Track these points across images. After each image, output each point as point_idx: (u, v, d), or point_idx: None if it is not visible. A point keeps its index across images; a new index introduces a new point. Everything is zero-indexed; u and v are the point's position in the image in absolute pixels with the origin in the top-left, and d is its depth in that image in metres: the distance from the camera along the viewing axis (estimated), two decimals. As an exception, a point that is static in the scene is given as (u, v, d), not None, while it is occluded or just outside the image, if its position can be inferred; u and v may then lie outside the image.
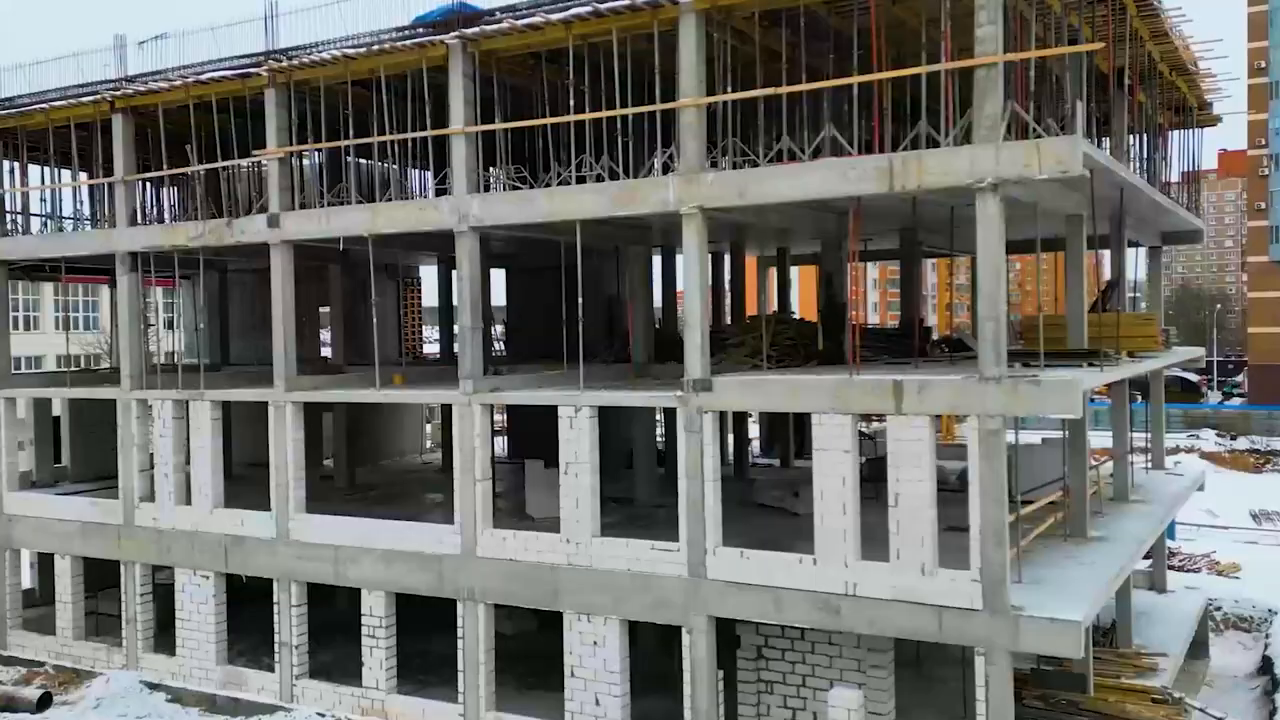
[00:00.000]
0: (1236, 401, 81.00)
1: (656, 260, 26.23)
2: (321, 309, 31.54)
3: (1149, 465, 25.60)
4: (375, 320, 19.61)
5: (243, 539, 20.41)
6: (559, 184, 17.64)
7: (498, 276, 32.12)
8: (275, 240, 19.84)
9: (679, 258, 29.62)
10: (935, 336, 25.31)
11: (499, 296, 33.21)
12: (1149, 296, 26.31)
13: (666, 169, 16.79)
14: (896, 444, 14.51)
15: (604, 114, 16.95)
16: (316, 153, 20.14)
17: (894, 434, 14.53)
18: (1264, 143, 77.01)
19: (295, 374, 20.07)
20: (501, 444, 33.66)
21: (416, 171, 22.63)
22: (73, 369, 28.57)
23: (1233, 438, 61.24)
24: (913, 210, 17.36)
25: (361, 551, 19.06)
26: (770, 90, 15.76)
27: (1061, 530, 18.08)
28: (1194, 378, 77.85)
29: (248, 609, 22.40)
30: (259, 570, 20.30)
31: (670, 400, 16.46)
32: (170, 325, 38.58)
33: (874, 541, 14.99)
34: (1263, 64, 74.24)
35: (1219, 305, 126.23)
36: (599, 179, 17.31)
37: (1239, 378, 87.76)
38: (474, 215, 17.76)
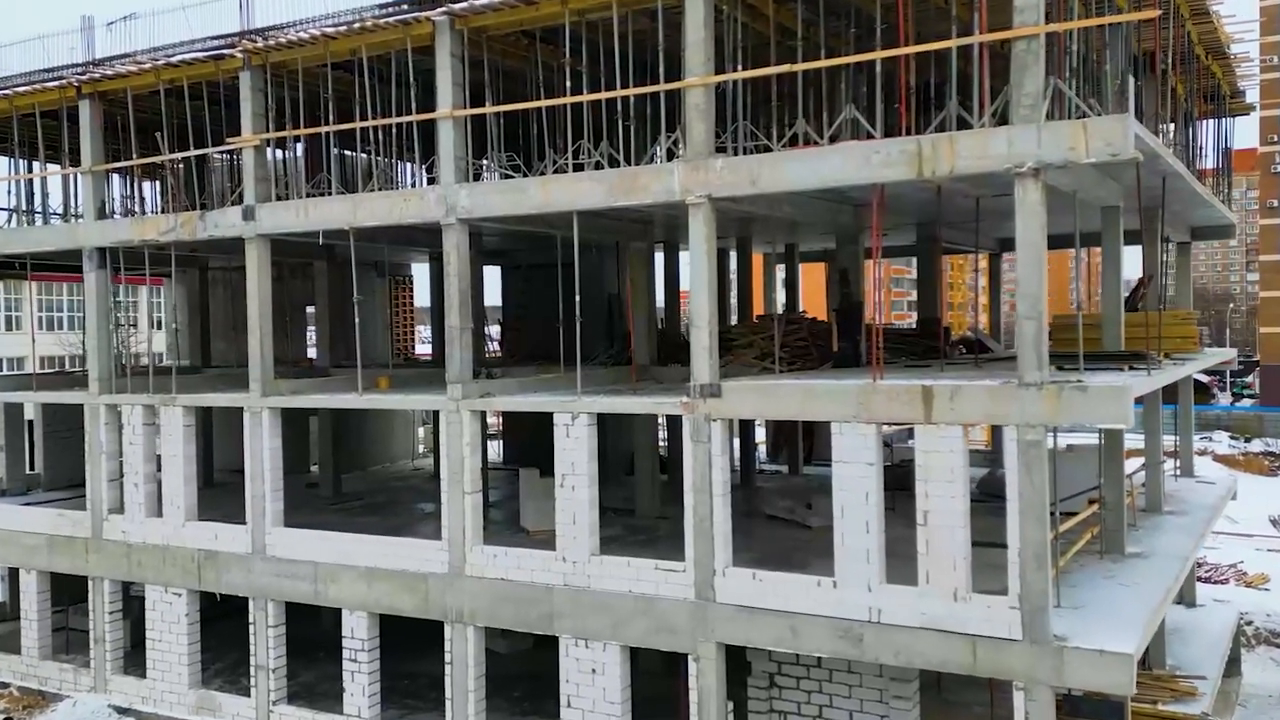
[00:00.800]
0: (1248, 403, 79.59)
1: (659, 258, 24.88)
2: (309, 308, 30.20)
3: (1177, 472, 24.28)
4: (358, 320, 18.26)
5: (216, 554, 19.07)
6: (554, 172, 16.29)
7: (492, 274, 30.77)
8: (250, 234, 18.49)
9: (683, 254, 28.36)
10: (953, 337, 23.94)
11: (494, 296, 31.87)
12: (1178, 295, 24.95)
13: (671, 156, 15.44)
14: (926, 456, 13.17)
15: (603, 95, 15.62)
16: (296, 142, 18.77)
17: (923, 445, 13.19)
18: (1276, 139, 75.64)
19: (272, 377, 18.73)
20: (496, 448, 32.37)
21: (409, 167, 21.32)
22: (49, 371, 27.25)
23: (1246, 440, 59.85)
24: (937, 200, 16.00)
25: (342, 569, 17.72)
26: (785, 68, 14.41)
27: (1096, 546, 16.77)
28: (1204, 378, 76.40)
29: (226, 624, 21.09)
30: (233, 588, 18.95)
31: (675, 407, 15.12)
32: (158, 325, 37.28)
33: (894, 558, 13.68)
34: (1276, 59, 72.89)
35: (1230, 305, 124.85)
36: (597, 167, 15.96)
37: (1249, 378, 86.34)
38: (462, 206, 16.41)
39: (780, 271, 33.62)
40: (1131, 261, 21.42)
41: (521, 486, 20.79)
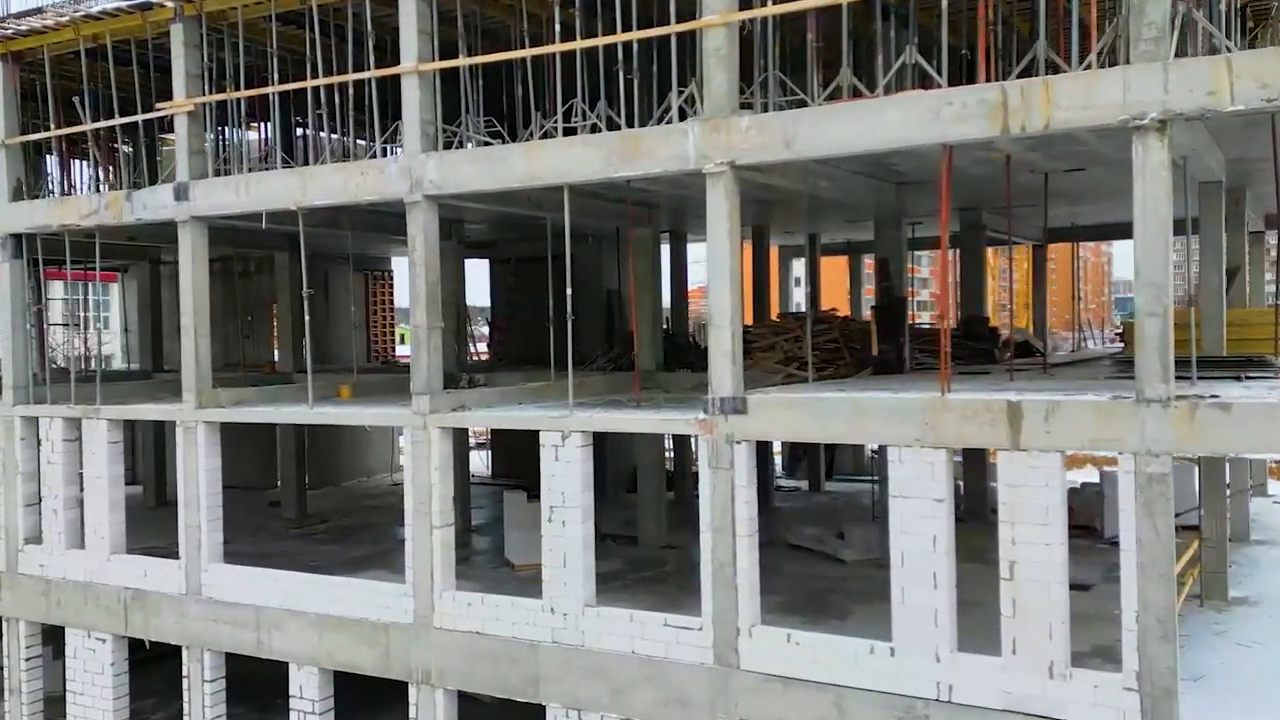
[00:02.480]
0: None
1: (664, 252, 22.02)
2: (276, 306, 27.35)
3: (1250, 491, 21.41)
4: (309, 318, 15.40)
5: (145, 594, 16.18)
6: (542, 139, 13.42)
7: (479, 269, 27.92)
8: (183, 216, 15.62)
9: (691, 248, 25.47)
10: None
11: (483, 295, 29.01)
12: (1251, 290, 22.09)
13: (684, 115, 12.56)
14: (1011, 492, 10.29)
15: (600, 40, 12.75)
16: (239, 114, 15.86)
17: (1008, 477, 10.32)
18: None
19: (210, 386, 15.85)
20: (484, 460, 29.48)
21: (384, 150, 18.46)
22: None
23: None
24: (1006, 173, 13.15)
25: (289, 615, 14.83)
26: (828, 0, 11.51)
27: (1194, 589, 13.96)
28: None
29: (175, 663, 18.23)
30: (164, 634, 16.06)
31: (689, 425, 12.22)
32: (107, 325, 34.41)
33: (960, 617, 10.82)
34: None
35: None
36: (594, 130, 13.08)
37: None
38: (430, 181, 13.54)
39: (795, 266, 30.78)
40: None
41: (506, 513, 17.92)
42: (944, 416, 10.60)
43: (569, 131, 13.31)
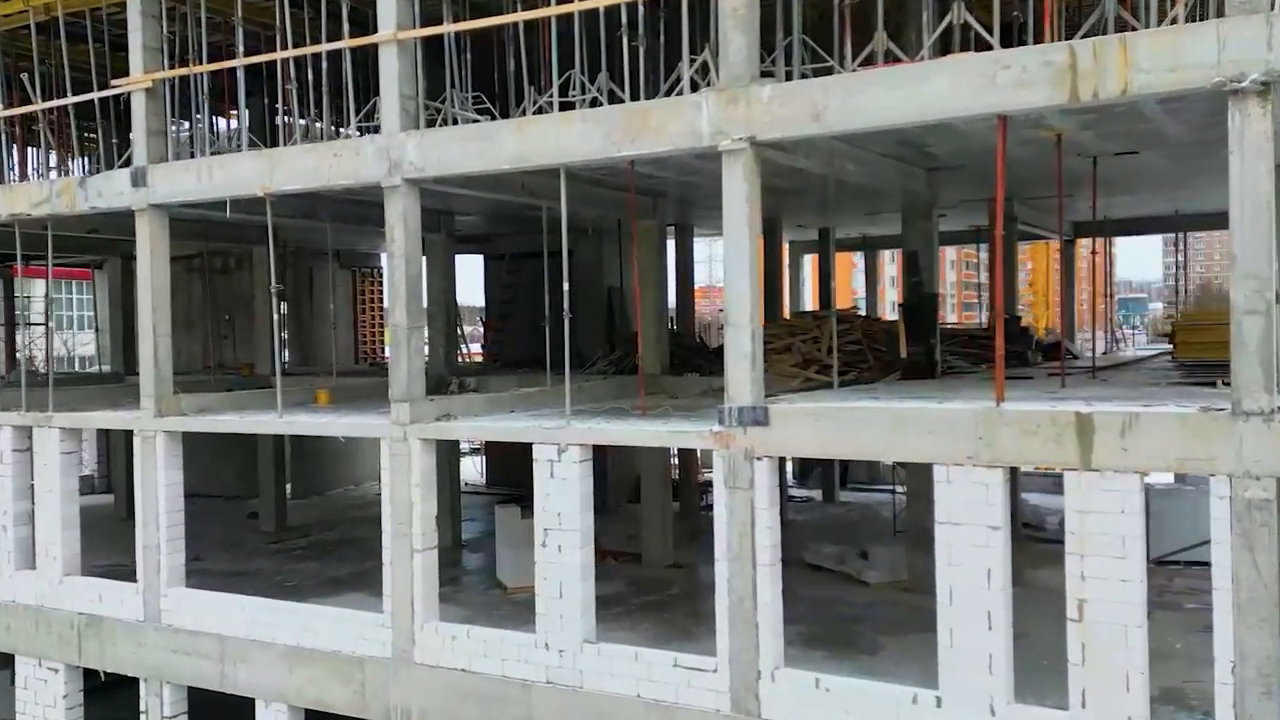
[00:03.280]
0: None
1: (669, 248, 20.56)
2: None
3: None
4: (277, 316, 13.96)
5: (100, 620, 14.71)
6: (535, 113, 11.95)
7: (473, 265, 26.47)
8: (141, 204, 14.15)
9: (696, 243, 24.00)
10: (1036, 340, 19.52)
11: (477, 293, 27.52)
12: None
13: (695, 88, 11.07)
14: (1081, 519, 8.83)
15: (602, 1, 11.25)
16: (201, 92, 14.35)
17: (1076, 502, 8.85)
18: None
19: (171, 391, 14.38)
20: (476, 466, 28.01)
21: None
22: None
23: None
24: (1057, 154, 11.72)
25: (255, 646, 13.36)
26: (864, -49, 10.05)
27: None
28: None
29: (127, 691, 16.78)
30: (121, 664, 14.60)
31: (702, 438, 10.74)
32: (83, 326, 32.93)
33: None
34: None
35: None
36: (594, 105, 11.61)
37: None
38: (410, 162, 12.06)
39: (804, 263, 29.30)
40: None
41: (498, 529, 16.46)
42: (1000, 430, 9.13)
43: (566, 107, 11.83)
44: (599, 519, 11.90)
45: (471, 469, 27.79)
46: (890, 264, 43.07)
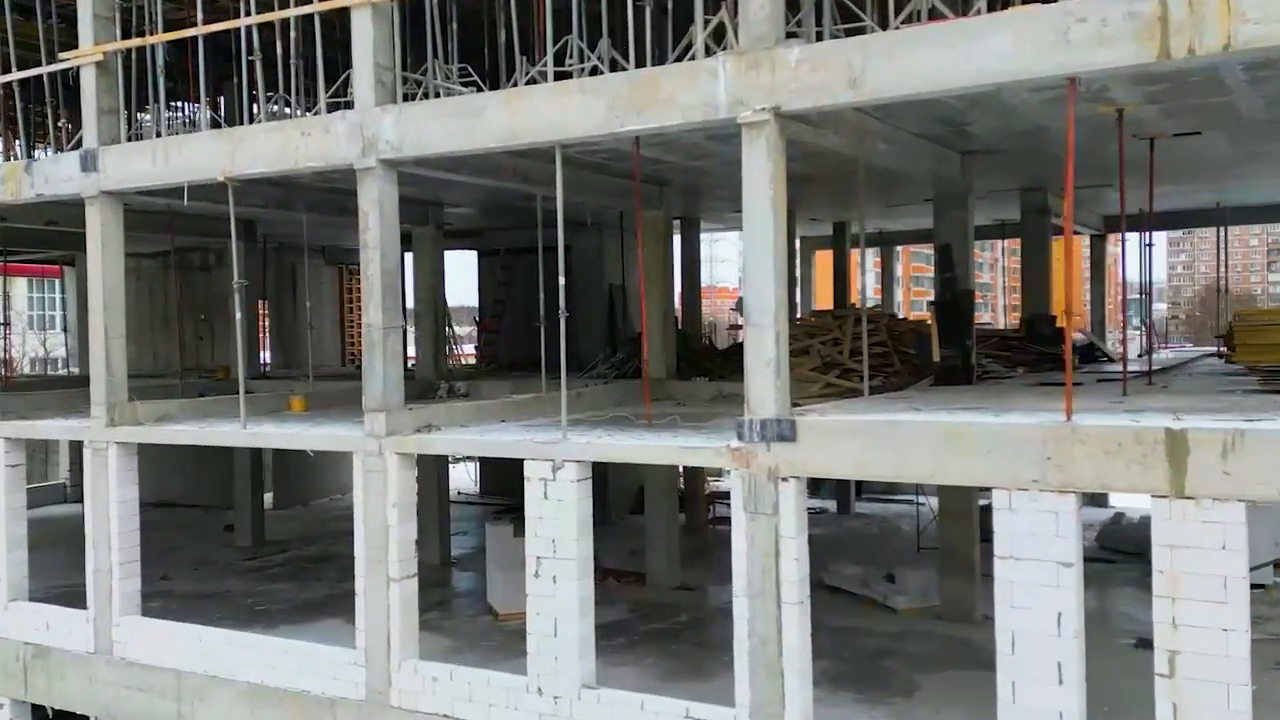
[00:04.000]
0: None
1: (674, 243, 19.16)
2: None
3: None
4: (240, 315, 12.54)
5: (48, 651, 13.31)
6: (528, 84, 10.55)
7: (467, 262, 25.09)
8: (91, 191, 12.74)
9: (704, 236, 22.60)
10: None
11: (471, 292, 26.10)
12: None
13: (709, 51, 9.66)
14: (1170, 555, 7.43)
15: (602, -48, 9.88)
16: (154, 62, 12.93)
17: (1166, 535, 7.45)
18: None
19: (125, 399, 12.98)
20: (470, 473, 26.60)
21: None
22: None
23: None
24: (1119, 131, 10.34)
25: (215, 683, 11.96)
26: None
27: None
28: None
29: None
30: (70, 700, 13.21)
31: (719, 455, 9.32)
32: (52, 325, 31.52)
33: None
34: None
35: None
36: (595, 74, 10.20)
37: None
38: (386, 141, 10.66)
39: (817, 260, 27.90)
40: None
41: (489, 549, 15.07)
42: (1073, 450, 7.73)
43: (562, 79, 10.43)
44: (598, 532, 10.50)
45: (465, 475, 26.37)
46: (897, 262, 41.61)
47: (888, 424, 8.52)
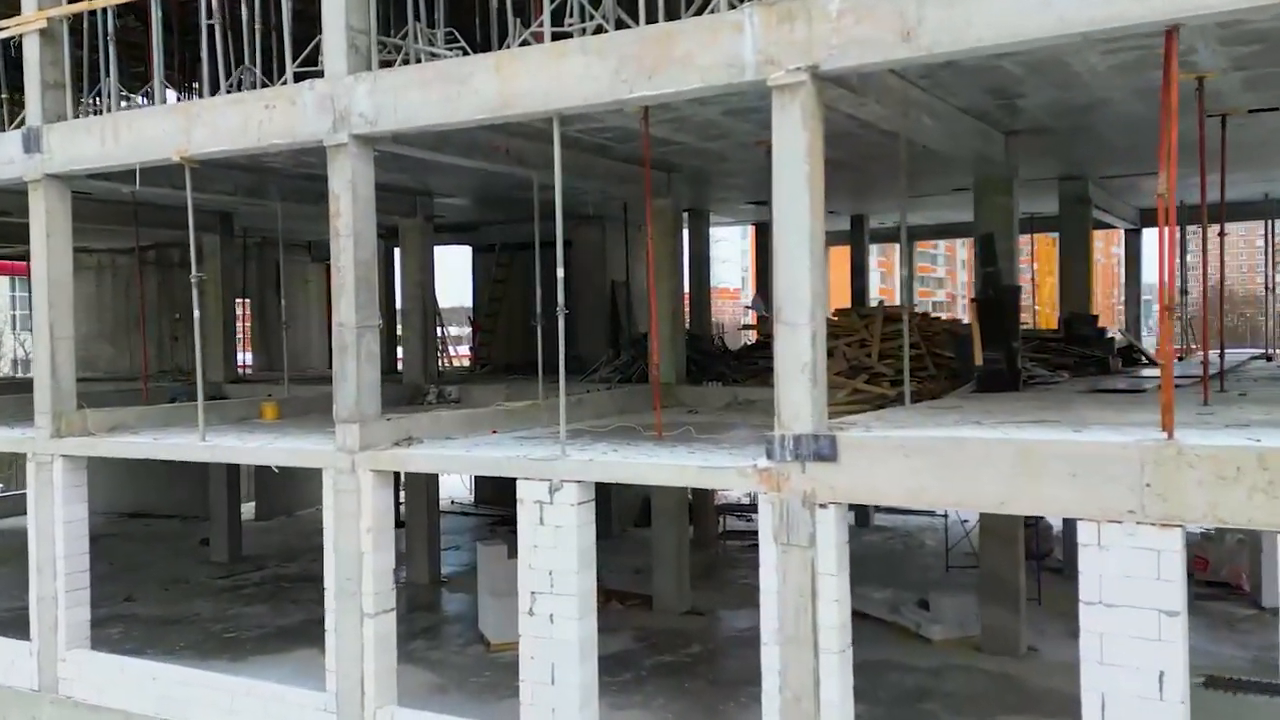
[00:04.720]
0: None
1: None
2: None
3: None
4: (198, 313, 11.21)
5: (-11, 687, 11.98)
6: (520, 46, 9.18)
7: (461, 258, 23.75)
8: (35, 174, 11.40)
9: (714, 230, 21.26)
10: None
11: (465, 291, 24.75)
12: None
13: (733, 5, 8.30)
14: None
15: (608, -112, 8.53)
16: (104, 28, 11.59)
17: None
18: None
19: (74, 408, 11.62)
20: (465, 481, 25.20)
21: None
22: None
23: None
24: (1199, 101, 9.01)
25: (170, 728, 10.63)
26: None
27: None
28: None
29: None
30: (13, 743, 11.86)
31: (744, 477, 7.94)
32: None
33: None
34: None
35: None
36: (599, 34, 8.84)
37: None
38: (359, 113, 9.32)
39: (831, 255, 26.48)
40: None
41: (480, 573, 13.71)
42: (1181, 475, 6.38)
43: (561, 39, 9.06)
44: (599, 547, 9.13)
45: (459, 482, 24.98)
46: (915, 258, 40.28)
47: (952, 442, 7.14)
